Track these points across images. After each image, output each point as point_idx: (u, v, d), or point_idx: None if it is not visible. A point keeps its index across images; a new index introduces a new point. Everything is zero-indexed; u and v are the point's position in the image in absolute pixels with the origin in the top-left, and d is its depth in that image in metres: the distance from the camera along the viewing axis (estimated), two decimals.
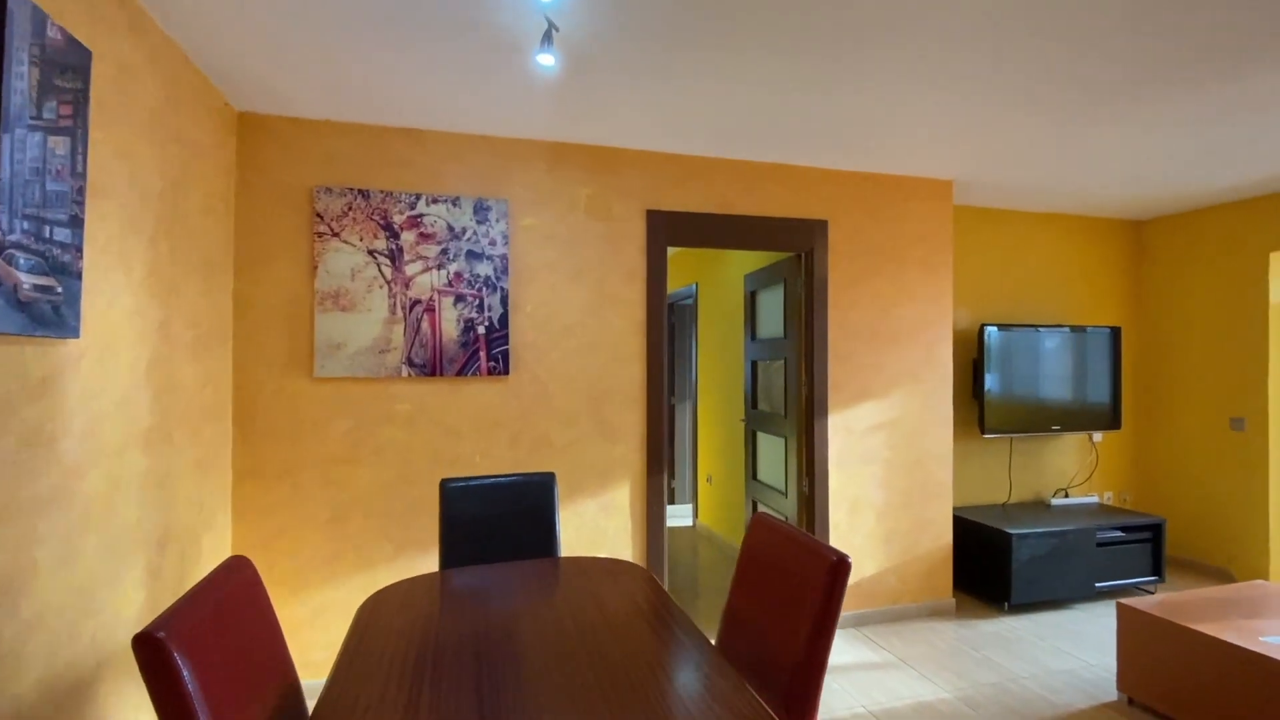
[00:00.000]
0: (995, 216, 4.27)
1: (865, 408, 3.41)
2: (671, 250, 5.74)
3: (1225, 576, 4.10)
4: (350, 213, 2.66)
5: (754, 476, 4.07)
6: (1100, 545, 3.69)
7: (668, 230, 3.10)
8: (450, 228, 2.79)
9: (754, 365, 4.09)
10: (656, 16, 1.90)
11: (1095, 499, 4.32)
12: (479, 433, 2.84)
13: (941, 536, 3.54)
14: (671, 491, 6.01)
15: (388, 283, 2.71)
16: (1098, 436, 4.49)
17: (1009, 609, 3.58)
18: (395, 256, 2.72)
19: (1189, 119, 2.69)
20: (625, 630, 1.53)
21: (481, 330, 2.83)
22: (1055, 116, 2.67)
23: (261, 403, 2.59)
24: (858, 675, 2.83)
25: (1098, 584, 3.67)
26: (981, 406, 3.92)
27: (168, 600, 2.00)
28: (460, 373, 2.80)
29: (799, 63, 2.20)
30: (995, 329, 3.96)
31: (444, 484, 2.25)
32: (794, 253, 3.42)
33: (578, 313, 2.98)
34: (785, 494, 3.57)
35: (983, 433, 3.91)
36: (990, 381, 3.94)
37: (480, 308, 2.83)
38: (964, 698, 2.64)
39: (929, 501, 3.52)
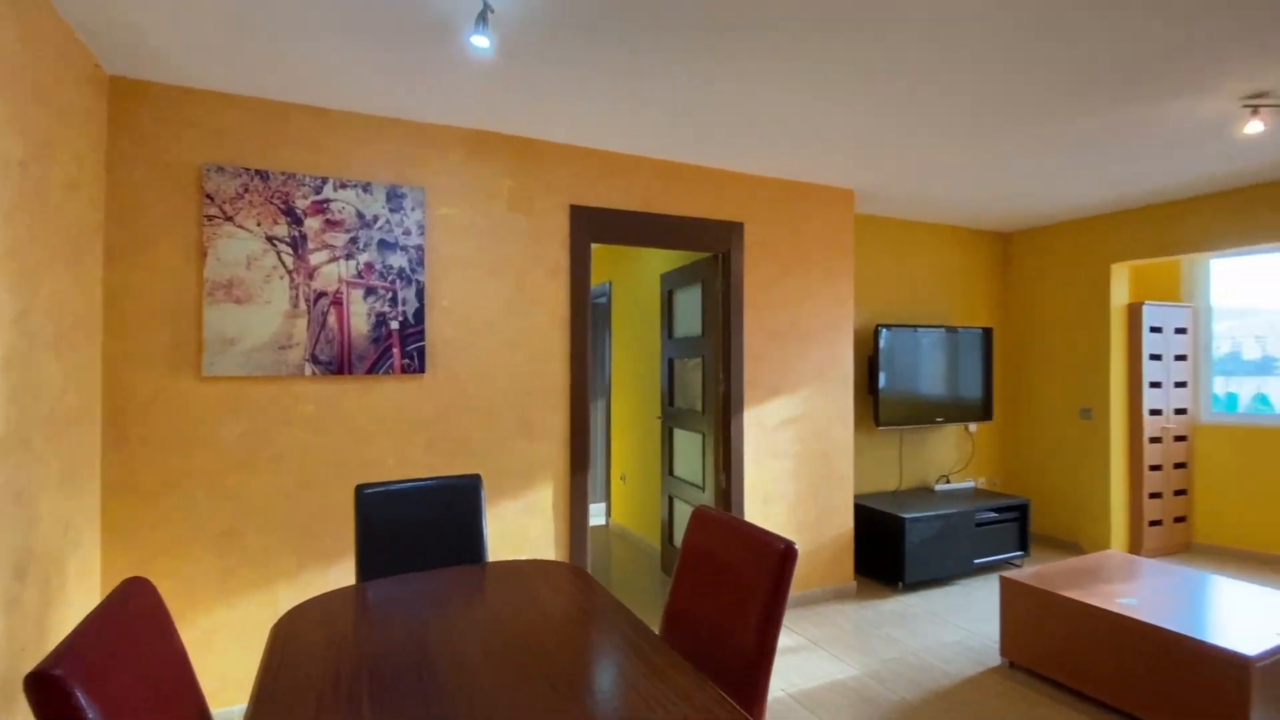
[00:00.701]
0: (890, 225, 4.61)
1: (777, 404, 3.56)
2: None
3: (1075, 548, 4.66)
4: (246, 195, 2.41)
5: (670, 472, 4.13)
6: (978, 526, 4.08)
7: (591, 226, 3.07)
8: (361, 215, 2.61)
9: (671, 363, 4.16)
10: (590, 7, 1.87)
11: (972, 484, 4.77)
12: (393, 435, 2.68)
13: (844, 524, 3.76)
14: None
15: (289, 272, 2.49)
16: (973, 427, 4.96)
17: (903, 588, 3.87)
18: (298, 244, 2.51)
19: (1049, 145, 3.03)
20: (571, 630, 1.50)
21: (395, 325, 2.67)
22: (940, 139, 2.91)
23: (137, 405, 2.30)
24: (775, 661, 2.95)
25: (976, 561, 4.05)
26: (876, 401, 4.21)
27: (30, 634, 1.72)
28: (371, 370, 2.63)
29: (722, 66, 2.25)
30: (888, 330, 4.27)
31: (360, 490, 2.10)
32: (711, 253, 3.50)
33: (499, 308, 2.89)
34: (702, 488, 3.65)
35: (877, 425, 4.20)
36: (884, 378, 4.24)
37: (394, 301, 2.67)
38: (871, 674, 2.82)
39: (833, 491, 3.73)
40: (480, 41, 1.81)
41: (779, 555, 1.37)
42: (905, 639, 3.18)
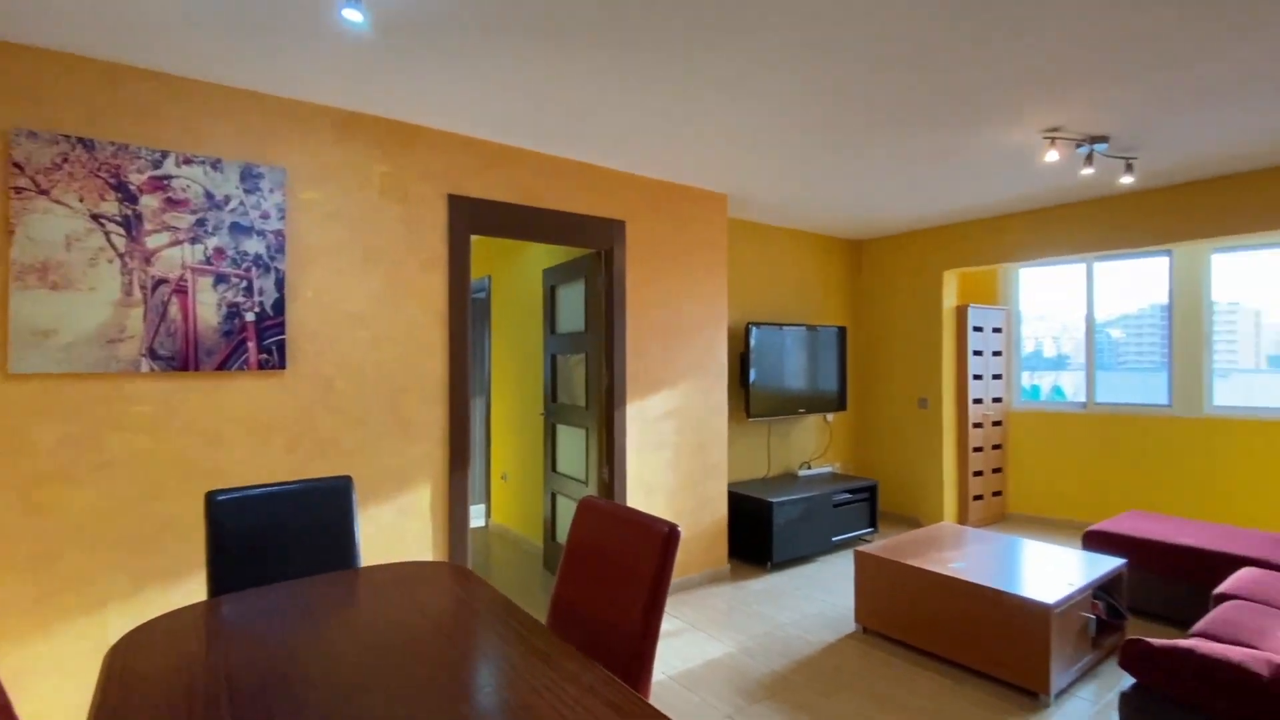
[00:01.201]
0: (759, 230, 4.90)
1: (658, 397, 3.67)
2: None
3: (915, 522, 5.24)
4: (66, 166, 2.10)
5: (554, 469, 4.12)
6: (835, 506, 4.47)
7: (472, 217, 3.00)
8: (209, 195, 2.36)
9: (554, 359, 4.15)
10: None
11: (830, 469, 5.21)
12: (248, 437, 2.46)
13: (719, 511, 3.97)
14: None
15: (120, 256, 2.21)
16: (830, 417, 5.42)
17: (771, 567, 4.16)
18: (132, 225, 2.23)
19: (893, 163, 3.39)
20: (457, 629, 1.47)
21: (250, 317, 2.45)
22: (800, 153, 3.17)
23: None
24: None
25: (834, 538, 4.44)
26: (748, 394, 4.47)
27: None
28: (222, 366, 2.39)
29: (604, 65, 2.30)
30: (758, 327, 4.55)
31: (211, 498, 1.91)
32: (594, 250, 3.54)
33: (370, 301, 2.74)
34: (586, 483, 3.69)
35: (748, 417, 4.46)
36: (755, 373, 4.52)
37: (249, 291, 2.45)
38: (744, 649, 3.01)
39: (709, 480, 3.92)
40: (353, 15, 1.72)
41: (663, 538, 1.44)
42: (774, 614, 3.41)
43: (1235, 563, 3.04)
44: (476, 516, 5.53)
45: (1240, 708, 1.46)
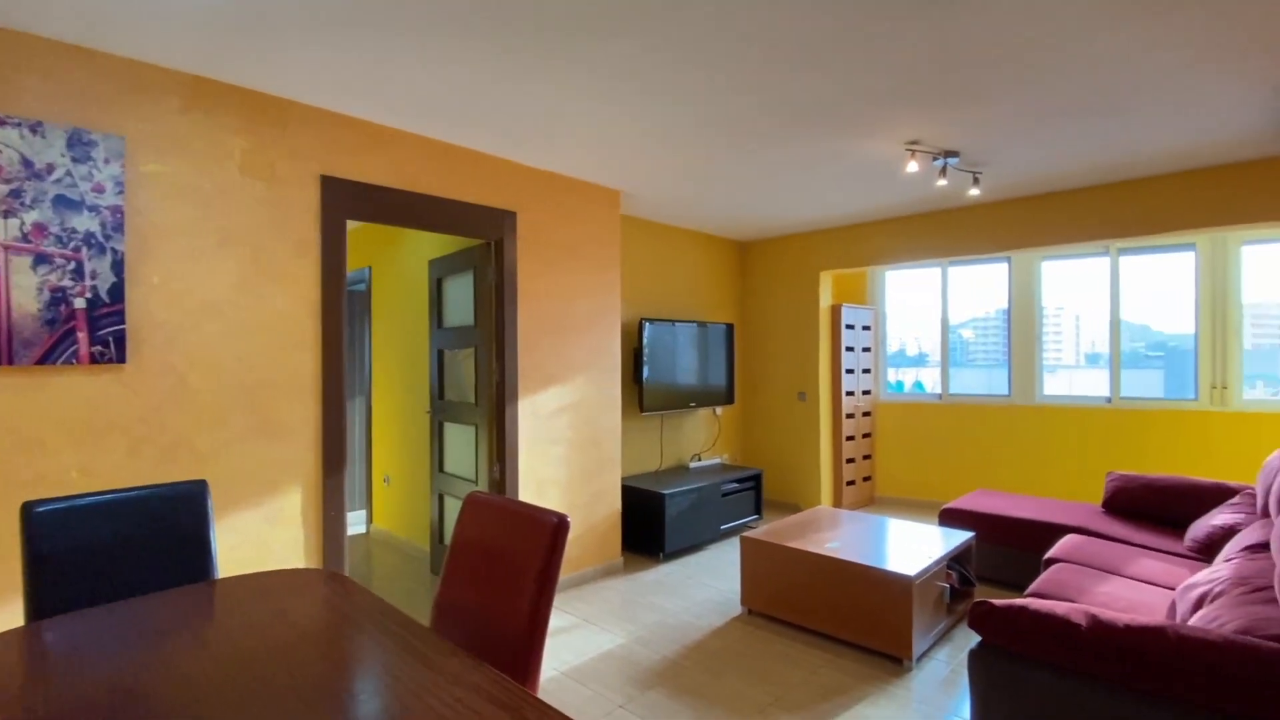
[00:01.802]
0: (652, 228, 4.98)
1: (551, 392, 3.63)
2: None
3: (795, 508, 5.55)
4: None
5: (441, 469, 3.96)
6: (724, 496, 4.63)
7: (348, 201, 2.81)
8: (27, 162, 2.04)
9: (441, 354, 3.98)
10: None
11: (719, 460, 5.40)
12: (78, 440, 2.16)
13: (613, 504, 3.99)
14: None
15: None
16: (719, 410, 5.61)
17: (664, 558, 4.24)
18: None
19: (774, 168, 3.56)
20: (328, 639, 1.37)
21: (81, 304, 2.15)
22: (687, 154, 3.25)
23: None
24: (548, 642, 3.02)
25: (722, 526, 4.60)
26: (641, 389, 4.53)
27: None
28: (44, 360, 2.08)
29: (492, 49, 2.24)
30: (651, 323, 4.62)
31: (28, 510, 1.66)
32: (484, 240, 3.44)
33: (230, 288, 2.49)
34: (475, 481, 3.57)
35: (642, 411, 4.53)
36: (647, 368, 4.58)
37: (79, 274, 2.15)
38: (636, 639, 3.04)
39: (603, 474, 3.93)
40: None
41: (551, 529, 1.42)
42: (666, 604, 3.48)
43: (1062, 531, 3.48)
44: (356, 523, 5.20)
45: (1065, 654, 1.67)
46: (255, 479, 2.54)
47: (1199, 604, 2.13)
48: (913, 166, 3.26)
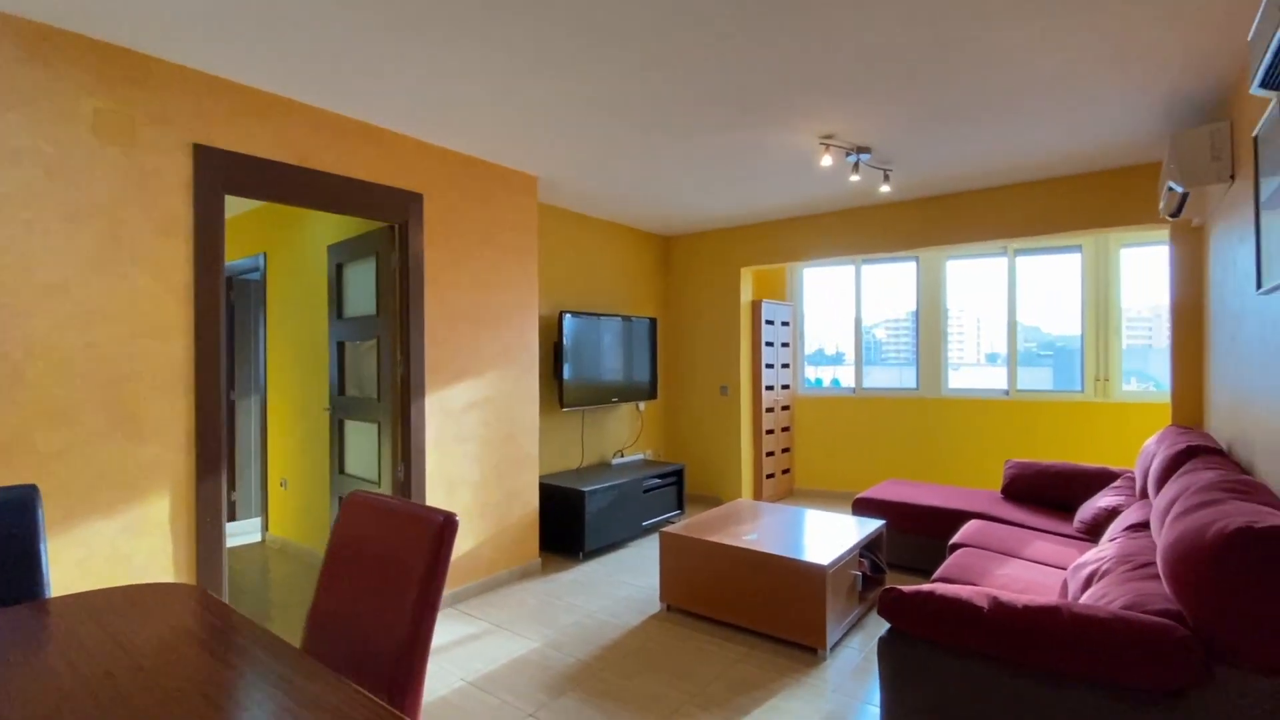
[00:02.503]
0: (573, 219, 4.84)
1: (462, 387, 3.44)
2: (232, 213, 4.73)
3: (718, 502, 5.57)
4: None
5: (341, 470, 3.68)
6: (645, 492, 4.57)
7: (227, 174, 2.53)
8: None
9: (341, 347, 3.70)
10: None
11: (642, 456, 5.34)
12: None
13: (530, 503, 3.84)
14: (233, 506, 4.98)
15: None
16: (642, 406, 5.55)
17: (584, 557, 4.12)
18: None
19: (692, 158, 3.52)
20: (170, 663, 1.18)
21: None
22: (607, 139, 3.16)
23: None
24: (456, 652, 2.84)
25: (644, 523, 4.54)
26: (561, 384, 4.40)
27: None
28: None
29: (397, 21, 2.06)
30: (571, 316, 4.49)
31: None
32: (387, 223, 3.21)
33: (79, 267, 2.18)
34: (379, 483, 3.33)
35: (562, 407, 4.39)
36: (568, 362, 4.45)
37: None
38: (551, 643, 2.92)
39: (519, 473, 3.77)
40: None
41: (437, 529, 1.28)
42: (583, 604, 3.37)
43: (965, 517, 3.61)
44: (251, 531, 4.80)
45: (969, 637, 1.68)
46: (112, 483, 2.24)
47: (1088, 582, 2.23)
48: (827, 160, 3.29)
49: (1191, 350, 3.61)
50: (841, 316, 6.01)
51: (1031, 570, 2.70)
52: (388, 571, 1.34)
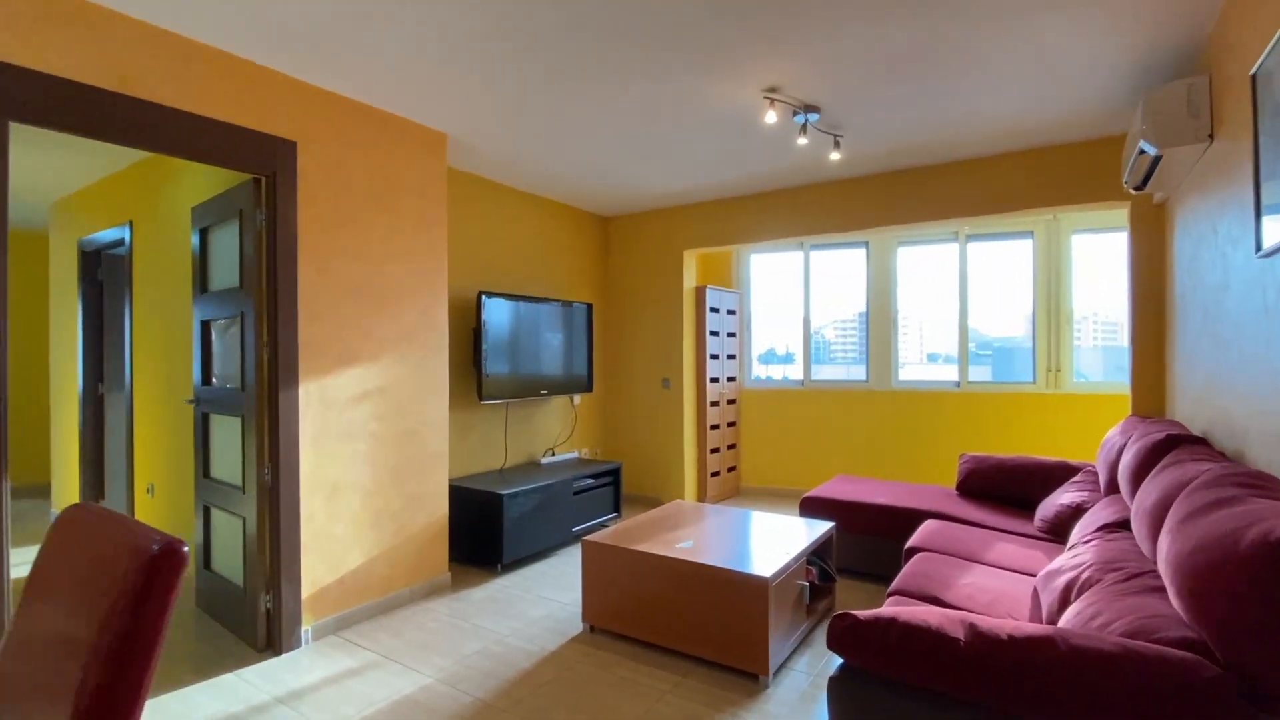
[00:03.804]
0: (498, 191, 4.35)
1: (350, 375, 2.92)
2: (94, 177, 4.05)
3: (658, 503, 5.14)
4: None
5: (206, 474, 3.10)
6: (576, 494, 4.12)
7: (17, 97, 1.96)
8: None
9: (206, 328, 3.12)
10: None
11: (576, 454, 4.88)
12: None
13: (437, 510, 3.34)
14: None
15: None
16: (577, 399, 5.10)
17: (501, 569, 3.64)
18: None
19: (622, 115, 3.10)
20: None
21: None
22: (523, 90, 2.70)
23: None
24: (326, 693, 2.34)
25: (575, 528, 4.09)
26: (480, 374, 3.91)
27: None
28: None
29: None
30: (493, 298, 4.01)
31: None
32: (251, 176, 2.67)
33: None
34: (243, 489, 2.78)
35: (481, 399, 3.90)
36: (488, 349, 3.97)
37: None
38: (447, 677, 2.44)
39: (424, 475, 3.27)
40: None
41: (147, 561, 0.81)
42: (494, 626, 2.90)
43: (920, 517, 3.30)
44: None
45: (941, 676, 1.31)
46: None
47: (1067, 594, 1.91)
48: (771, 117, 2.92)
49: (1152, 335, 3.40)
50: (789, 309, 5.69)
51: (998, 578, 2.38)
52: (87, 617, 0.86)
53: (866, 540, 3.46)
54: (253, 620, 2.69)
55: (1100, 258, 4.72)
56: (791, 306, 5.67)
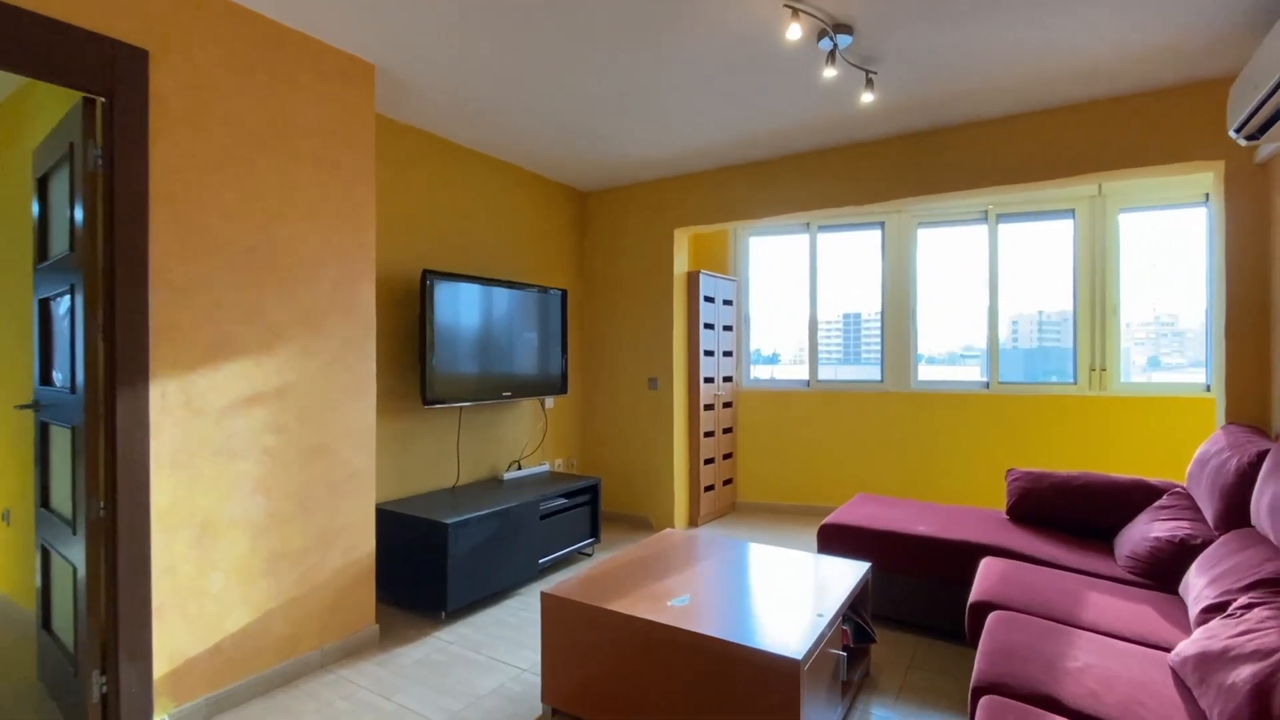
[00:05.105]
0: (450, 151, 3.61)
1: (231, 371, 2.18)
2: None
3: (644, 523, 4.46)
4: None
5: (45, 503, 2.34)
6: (545, 517, 3.40)
7: None
8: None
9: (45, 308, 2.36)
10: None
11: (546, 467, 4.16)
12: None
13: (359, 546, 2.60)
14: None
15: None
16: (549, 402, 4.38)
17: (447, 617, 2.91)
18: None
19: (596, 44, 2.40)
20: None
21: None
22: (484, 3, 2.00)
23: None
24: None
25: (542, 560, 3.37)
26: (425, 371, 3.17)
27: None
28: None
29: None
30: (444, 280, 3.28)
31: None
32: (81, 94, 1.93)
33: None
34: (74, 528, 2.03)
35: (426, 403, 3.16)
36: (437, 341, 3.24)
37: None
38: None
39: (340, 501, 2.53)
40: None
41: None
42: (427, 701, 2.18)
43: (972, 551, 2.63)
44: None
45: None
46: None
47: (1265, 699, 1.24)
48: (795, 31, 2.22)
49: (1250, 327, 2.77)
50: (794, 299, 5.01)
51: (1119, 655, 1.71)
52: None
53: (903, 580, 2.79)
54: (82, 709, 1.94)
55: (1152, 239, 4.09)
56: (796, 297, 4.99)
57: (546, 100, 3.03)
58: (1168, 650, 1.82)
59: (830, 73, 2.49)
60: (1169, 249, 4.05)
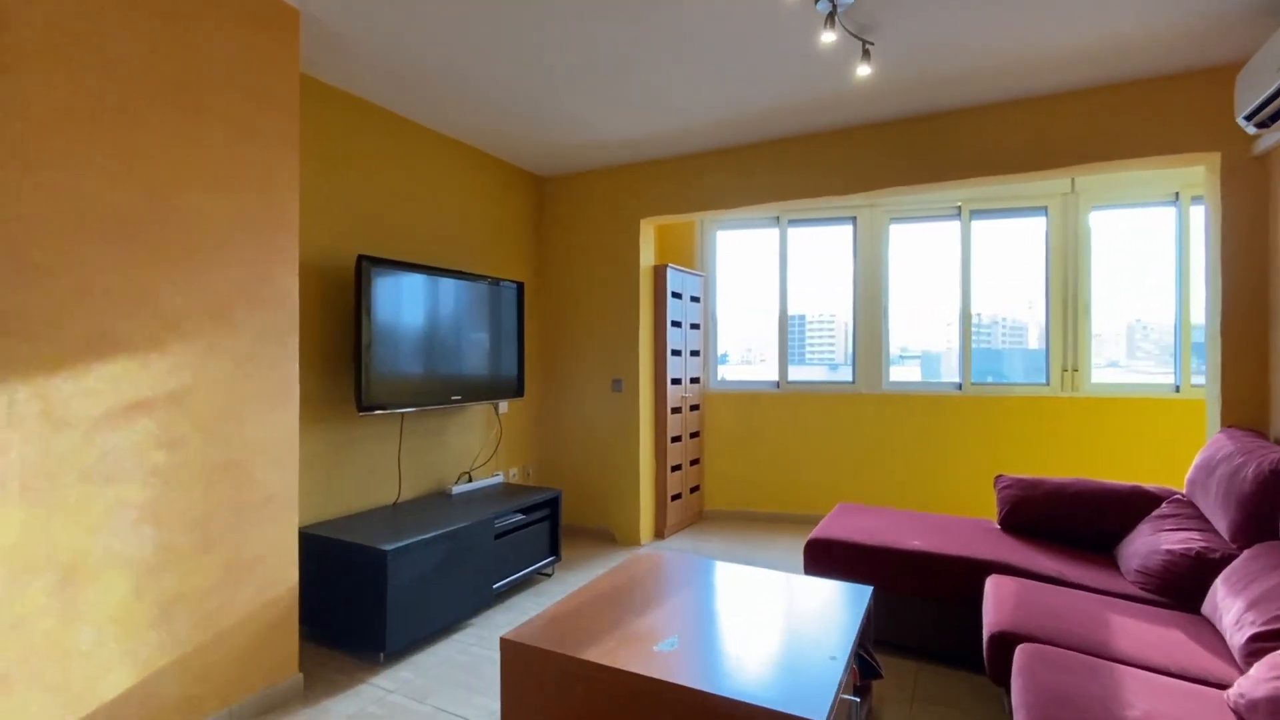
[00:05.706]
0: (392, 123, 3.19)
1: (107, 373, 1.74)
2: None
3: (608, 536, 4.13)
4: None
5: None
6: (500, 536, 3.04)
7: None
8: None
9: None
10: None
11: (500, 478, 3.78)
12: None
13: (278, 580, 2.19)
14: None
15: None
16: (504, 406, 4.00)
17: (386, 659, 2.51)
18: None
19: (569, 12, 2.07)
20: None
21: None
22: None
23: None
24: None
25: (497, 585, 3.00)
26: (361, 372, 2.76)
27: None
28: None
29: None
30: (383, 268, 2.87)
31: None
32: None
33: None
34: None
35: (361, 409, 2.75)
36: (376, 337, 2.83)
37: None
38: None
39: (253, 528, 2.11)
40: None
41: None
42: None
43: (973, 567, 2.42)
44: None
45: None
46: None
47: None
48: None
49: (1248, 327, 2.66)
50: (762, 296, 4.78)
51: (1175, 697, 1.49)
52: None
53: (898, 600, 2.56)
54: None
55: (1123, 238, 4.04)
56: (765, 294, 4.76)
57: (500, 66, 2.67)
58: (1214, 685, 1.62)
59: (829, 37, 2.22)
60: (1139, 248, 4.01)
